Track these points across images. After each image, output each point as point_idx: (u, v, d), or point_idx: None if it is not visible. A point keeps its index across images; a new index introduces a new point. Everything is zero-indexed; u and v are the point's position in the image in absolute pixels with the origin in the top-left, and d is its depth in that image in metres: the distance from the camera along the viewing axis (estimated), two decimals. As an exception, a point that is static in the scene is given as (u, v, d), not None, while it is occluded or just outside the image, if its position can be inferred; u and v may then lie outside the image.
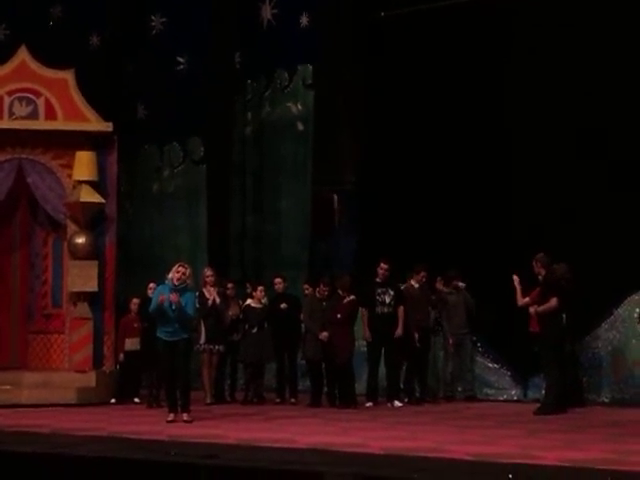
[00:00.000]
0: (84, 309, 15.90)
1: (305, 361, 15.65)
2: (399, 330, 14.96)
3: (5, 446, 10.84)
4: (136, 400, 15.83)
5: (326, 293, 15.20)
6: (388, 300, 15.06)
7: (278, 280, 15.99)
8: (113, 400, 15.72)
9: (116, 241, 16.35)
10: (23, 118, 15.96)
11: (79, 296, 15.89)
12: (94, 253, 15.87)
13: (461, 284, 15.95)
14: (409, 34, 17.41)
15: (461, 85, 16.69)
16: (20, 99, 16.01)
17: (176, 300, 12.80)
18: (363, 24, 17.98)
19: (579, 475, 8.78)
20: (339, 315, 14.81)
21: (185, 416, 12.94)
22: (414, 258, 15.73)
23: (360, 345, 15.36)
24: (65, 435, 11.73)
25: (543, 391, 14.28)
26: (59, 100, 16.04)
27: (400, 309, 15.05)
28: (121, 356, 15.88)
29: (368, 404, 14.94)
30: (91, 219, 15.95)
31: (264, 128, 18.90)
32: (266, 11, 18.77)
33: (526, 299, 13.98)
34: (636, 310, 14.98)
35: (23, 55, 16.22)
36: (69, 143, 15.87)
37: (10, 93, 15.99)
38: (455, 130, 16.73)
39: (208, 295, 15.41)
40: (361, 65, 18.13)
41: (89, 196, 15.87)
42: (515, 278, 13.94)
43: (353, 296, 14.92)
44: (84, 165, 15.87)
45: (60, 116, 16.05)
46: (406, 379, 15.44)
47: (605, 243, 14.96)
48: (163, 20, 19.48)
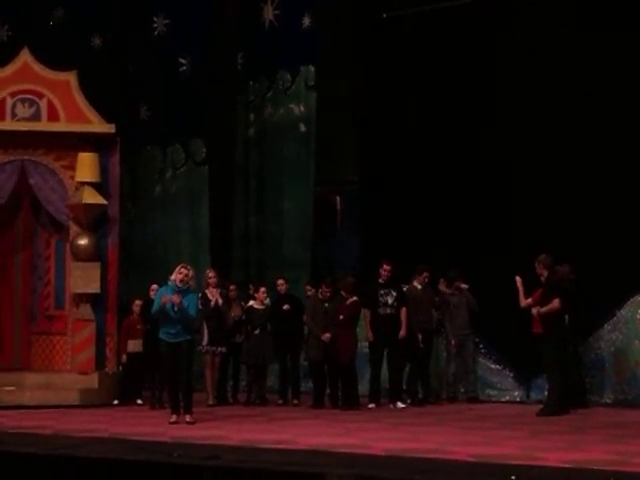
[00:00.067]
0: (87, 310, 15.90)
1: (307, 362, 15.65)
2: (403, 331, 14.95)
3: (8, 447, 10.86)
4: (139, 401, 15.84)
5: (328, 294, 15.19)
6: (391, 301, 15.05)
7: (280, 281, 16.01)
8: (116, 401, 15.72)
9: (118, 242, 16.34)
10: (26, 120, 15.98)
11: (82, 297, 15.88)
12: (96, 254, 15.87)
13: (464, 285, 15.94)
14: (411, 35, 17.41)
15: (463, 86, 16.67)
16: (23, 100, 16.00)
17: (178, 301, 12.80)
18: (365, 25, 17.96)
19: (582, 476, 8.78)
20: (342, 316, 14.80)
21: (187, 417, 12.94)
22: (417, 259, 15.74)
23: (362, 346, 15.35)
24: (67, 436, 11.73)
25: (546, 392, 14.29)
26: (61, 101, 16.04)
27: (403, 310, 15.03)
28: (124, 357, 15.88)
29: (370, 405, 14.95)
30: (93, 220, 15.95)
31: (266, 129, 18.89)
32: (268, 12, 18.77)
33: (529, 300, 13.97)
34: (639, 311, 14.97)
35: (25, 57, 16.22)
36: (72, 144, 15.87)
37: (13, 95, 15.98)
38: (457, 130, 16.71)
39: (210, 296, 15.41)
40: (363, 66, 18.11)
41: (91, 197, 15.87)
42: (518, 279, 13.94)
43: (356, 297, 14.91)
44: (86, 166, 15.87)
45: (62, 117, 16.05)
46: (409, 380, 15.44)
47: (608, 244, 14.94)
48: (165, 21, 19.45)
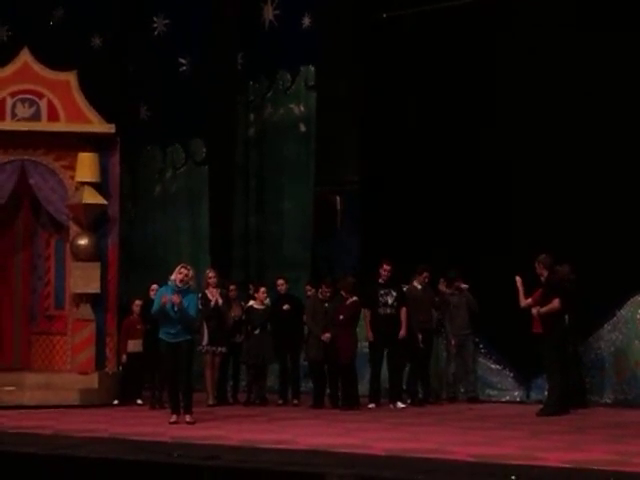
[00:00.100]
0: (86, 310, 15.90)
1: (307, 362, 15.65)
2: (403, 331, 14.94)
3: (8, 447, 10.86)
4: (139, 401, 15.84)
5: (328, 294, 15.19)
6: (391, 301, 15.05)
7: (280, 281, 16.01)
8: (116, 401, 15.72)
9: (118, 242, 16.34)
10: (26, 120, 15.98)
11: (82, 297, 15.88)
12: (96, 254, 15.87)
13: (464, 285, 15.93)
14: (411, 35, 17.40)
15: (463, 86, 16.67)
16: (23, 101, 16.00)
17: (178, 301, 12.80)
18: (365, 25, 17.96)
19: (582, 476, 8.78)
20: (342, 316, 14.79)
21: (187, 417, 12.94)
22: (417, 259, 15.74)
23: (362, 346, 15.35)
24: (67, 436, 11.73)
25: (546, 392, 14.29)
26: (61, 101, 16.04)
27: (403, 310, 15.03)
28: (124, 357, 15.87)
29: (370, 405, 14.95)
30: (93, 220, 15.95)
31: (266, 129, 18.89)
32: (268, 12, 18.76)
33: (529, 300, 13.97)
34: (639, 311, 14.97)
35: (25, 57, 16.22)
36: (71, 144, 15.87)
37: (13, 95, 15.99)
38: (457, 130, 16.71)
39: (210, 296, 15.40)
40: (363, 66, 18.11)
41: (91, 197, 15.87)
42: (518, 279, 13.93)
43: (356, 297, 14.91)
44: (86, 166, 15.87)
45: (62, 117, 16.05)
46: (409, 380, 15.44)
47: (608, 244, 14.94)
48: (165, 21, 19.45)
